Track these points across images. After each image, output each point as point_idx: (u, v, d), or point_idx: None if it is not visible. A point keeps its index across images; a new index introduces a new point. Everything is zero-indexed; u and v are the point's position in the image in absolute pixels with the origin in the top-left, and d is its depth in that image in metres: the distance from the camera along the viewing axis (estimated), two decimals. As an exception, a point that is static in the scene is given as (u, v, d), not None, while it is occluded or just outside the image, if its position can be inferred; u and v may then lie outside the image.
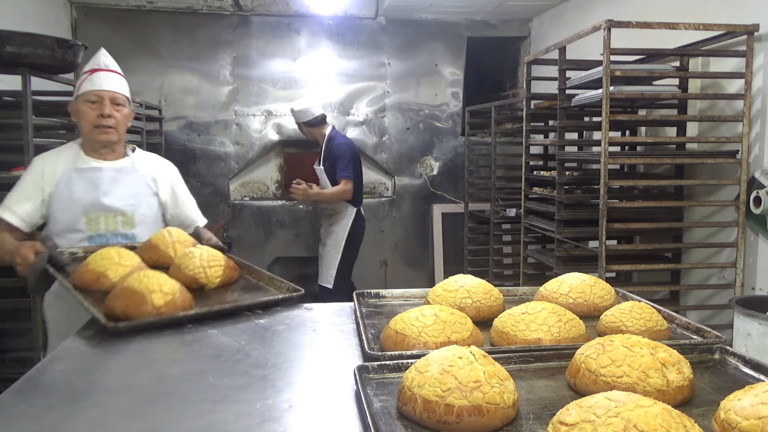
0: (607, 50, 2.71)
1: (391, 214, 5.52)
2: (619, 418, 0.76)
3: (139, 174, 2.27)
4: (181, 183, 2.43)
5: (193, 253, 1.71)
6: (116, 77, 2.23)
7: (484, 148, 4.98)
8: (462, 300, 1.43)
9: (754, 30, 2.70)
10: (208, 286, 1.68)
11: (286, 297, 1.61)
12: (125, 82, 2.26)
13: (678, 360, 1.02)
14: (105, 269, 1.64)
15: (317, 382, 1.12)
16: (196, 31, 5.10)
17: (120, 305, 1.40)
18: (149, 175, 2.30)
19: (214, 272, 1.69)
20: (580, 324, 1.29)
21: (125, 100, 2.23)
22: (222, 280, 1.71)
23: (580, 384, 1.03)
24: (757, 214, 2.71)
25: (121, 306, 1.40)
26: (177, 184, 2.40)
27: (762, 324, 2.09)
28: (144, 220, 2.23)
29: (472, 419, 0.89)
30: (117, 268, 1.65)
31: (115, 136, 2.19)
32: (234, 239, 5.29)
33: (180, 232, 1.97)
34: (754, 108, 2.78)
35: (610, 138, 2.77)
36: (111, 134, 2.17)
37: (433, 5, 4.88)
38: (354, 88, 5.38)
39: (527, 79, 3.76)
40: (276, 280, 1.74)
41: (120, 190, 2.20)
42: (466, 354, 0.96)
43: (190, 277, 1.65)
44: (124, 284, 1.45)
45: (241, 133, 5.27)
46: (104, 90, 2.15)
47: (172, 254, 1.84)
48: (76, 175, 2.15)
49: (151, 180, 2.29)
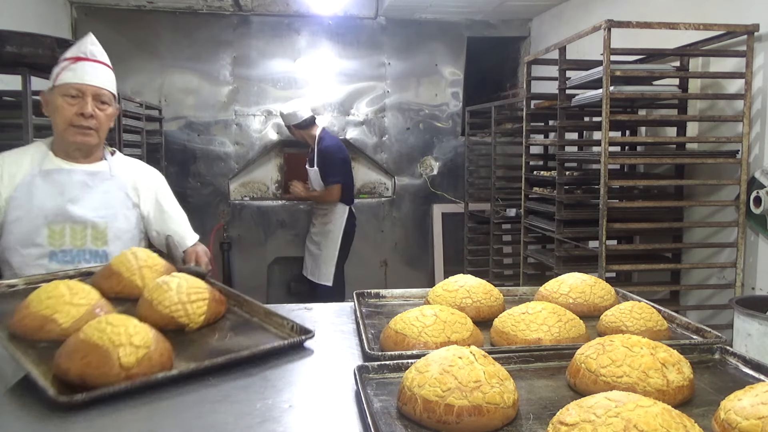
0: (607, 50, 2.71)
1: (391, 214, 5.52)
2: (619, 418, 0.76)
3: (116, 181, 1.93)
4: (168, 194, 2.09)
5: (169, 285, 1.33)
6: (103, 69, 1.88)
7: (484, 148, 4.98)
8: (462, 300, 1.43)
9: (754, 30, 2.70)
10: (189, 327, 1.30)
11: (295, 342, 1.25)
12: (113, 75, 1.92)
13: (678, 360, 1.02)
14: (53, 312, 1.21)
15: (317, 382, 1.12)
16: (196, 31, 5.10)
17: (75, 366, 1.02)
18: (129, 184, 1.96)
19: (196, 308, 1.32)
20: (580, 324, 1.29)
21: (111, 97, 1.90)
22: (206, 317, 1.33)
23: (580, 384, 1.02)
24: (757, 214, 2.71)
25: (78, 367, 1.02)
26: (163, 195, 2.06)
27: (762, 324, 2.09)
28: (119, 236, 1.89)
29: (472, 419, 0.89)
30: (68, 309, 1.22)
31: (95, 138, 1.88)
32: (234, 239, 5.29)
33: (148, 253, 1.59)
34: (754, 108, 2.78)
35: (610, 138, 2.77)
36: (90, 137, 1.85)
37: (433, 5, 4.88)
38: (354, 88, 5.38)
39: (527, 79, 3.76)
40: (274, 315, 1.38)
41: (92, 198, 1.86)
42: (466, 354, 0.96)
43: (165, 317, 1.28)
44: (80, 335, 1.07)
45: (241, 133, 5.27)
46: (88, 84, 1.82)
47: (139, 284, 1.48)
48: (40, 179, 1.83)
49: (131, 189, 1.96)
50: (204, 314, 1.33)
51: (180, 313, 1.30)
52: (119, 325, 1.08)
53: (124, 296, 1.45)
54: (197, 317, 1.32)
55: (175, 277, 1.39)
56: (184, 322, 1.30)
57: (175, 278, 1.37)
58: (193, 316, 1.31)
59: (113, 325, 1.07)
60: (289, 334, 1.30)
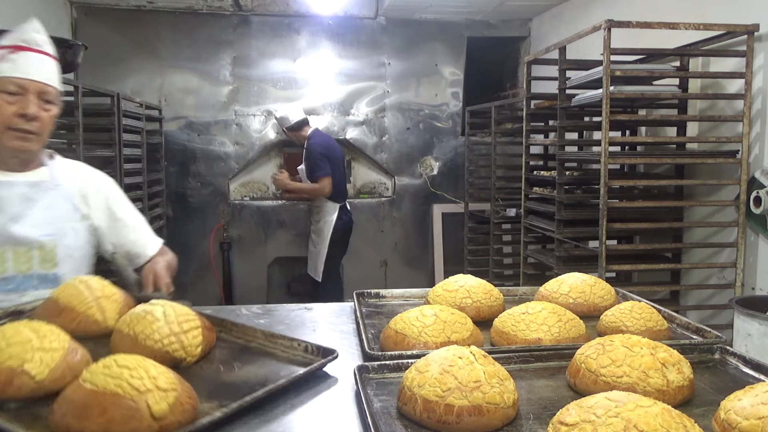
0: (607, 50, 2.70)
1: (391, 214, 5.52)
2: (619, 418, 0.76)
3: (62, 190, 1.64)
4: (121, 199, 1.80)
5: (154, 314, 1.15)
6: (49, 62, 1.61)
7: (484, 148, 4.98)
8: (462, 300, 1.43)
9: (754, 30, 2.70)
10: (186, 362, 1.13)
11: (324, 362, 1.13)
12: (58, 68, 1.64)
13: (678, 360, 1.02)
14: (20, 362, 0.97)
15: (317, 382, 1.12)
16: (196, 31, 5.10)
17: (94, 426, 0.83)
18: (76, 192, 1.67)
19: (192, 339, 1.14)
20: (580, 324, 1.29)
21: (57, 95, 1.62)
22: (203, 348, 1.17)
23: (580, 384, 1.03)
24: (757, 214, 2.71)
25: (97, 427, 0.83)
26: (115, 202, 1.76)
27: (762, 324, 2.09)
28: (71, 255, 1.62)
29: (472, 419, 0.89)
30: (40, 356, 0.99)
31: (36, 144, 1.59)
32: (234, 239, 5.29)
33: (101, 282, 1.35)
34: (754, 108, 2.78)
35: (610, 138, 2.77)
36: (31, 142, 1.57)
37: (433, 5, 4.88)
38: (354, 88, 5.38)
39: (527, 79, 3.76)
40: (278, 338, 1.24)
41: (36, 213, 1.58)
42: (467, 354, 0.96)
43: (158, 352, 1.09)
44: (85, 386, 0.87)
45: (241, 133, 5.27)
46: (31, 80, 1.54)
47: (99, 318, 1.27)
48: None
49: (78, 198, 1.67)
50: (200, 345, 1.16)
51: (175, 346, 1.11)
52: (135, 366, 0.89)
53: (79, 335, 1.17)
54: (194, 349, 1.14)
55: (156, 304, 1.19)
56: (180, 356, 1.12)
57: (157, 306, 1.18)
58: (190, 348, 1.14)
59: (129, 368, 0.89)
60: (304, 356, 1.18)
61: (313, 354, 1.18)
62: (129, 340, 1.12)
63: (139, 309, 1.18)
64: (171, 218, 5.08)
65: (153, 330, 1.12)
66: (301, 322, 1.49)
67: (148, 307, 1.18)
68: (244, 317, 1.51)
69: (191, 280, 5.22)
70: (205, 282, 5.22)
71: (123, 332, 1.14)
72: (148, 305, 1.18)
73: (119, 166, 3.71)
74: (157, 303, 1.19)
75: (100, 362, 0.92)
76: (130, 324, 1.14)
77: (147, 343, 1.10)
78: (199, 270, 5.21)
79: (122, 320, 1.18)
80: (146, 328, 1.12)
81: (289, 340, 1.22)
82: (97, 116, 3.66)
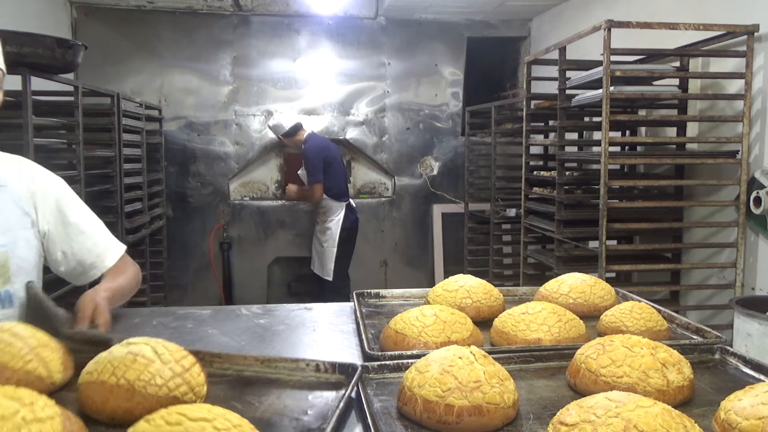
0: (607, 50, 2.71)
1: (391, 214, 5.52)
2: (619, 418, 0.76)
3: (9, 192, 1.36)
4: (73, 201, 1.49)
5: (144, 355, 0.94)
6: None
7: (484, 148, 4.98)
8: (462, 300, 1.43)
9: (754, 30, 2.70)
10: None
11: (353, 383, 1.01)
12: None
13: (678, 360, 1.02)
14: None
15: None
16: (196, 31, 5.10)
17: None
18: (24, 193, 1.39)
19: (196, 376, 0.97)
20: (580, 324, 1.29)
21: (0, 77, 1.31)
22: (207, 386, 1.00)
23: (580, 384, 1.03)
24: (757, 214, 2.71)
25: None
26: (67, 204, 1.46)
27: (762, 324, 2.09)
28: (22, 267, 1.35)
29: (472, 419, 0.89)
30: (38, 429, 0.74)
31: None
32: (234, 239, 5.30)
33: (25, 327, 1.05)
34: (754, 108, 2.78)
35: (610, 138, 2.77)
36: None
37: (433, 5, 4.88)
38: (354, 88, 5.38)
39: (527, 79, 3.76)
40: (276, 361, 1.10)
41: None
42: (467, 354, 0.96)
43: (163, 400, 0.91)
44: None
45: (241, 133, 5.27)
46: None
47: (42, 372, 0.99)
48: None
49: (27, 200, 1.39)
50: (205, 383, 0.98)
51: (183, 388, 0.93)
52: (212, 417, 0.76)
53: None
54: (201, 389, 0.96)
55: (137, 344, 0.97)
56: (190, 399, 0.94)
57: (142, 345, 0.96)
58: (198, 389, 0.96)
59: (207, 419, 0.75)
60: (319, 376, 1.07)
61: (328, 371, 1.07)
62: (122, 391, 0.90)
63: (117, 353, 0.95)
64: (171, 218, 5.08)
65: (151, 374, 0.92)
66: (301, 323, 1.49)
67: (129, 348, 0.96)
68: (243, 317, 1.51)
69: (191, 280, 5.22)
70: (205, 282, 5.23)
71: (106, 384, 0.91)
72: (124, 345, 0.97)
73: (119, 166, 3.71)
74: (137, 341, 0.98)
75: (160, 414, 0.76)
76: (117, 372, 0.92)
77: (149, 390, 0.91)
78: (199, 270, 5.22)
79: (91, 370, 0.94)
80: (142, 374, 0.92)
81: (291, 362, 1.09)
82: (97, 116, 3.66)
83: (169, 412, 0.76)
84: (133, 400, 0.90)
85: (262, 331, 1.42)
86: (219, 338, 1.36)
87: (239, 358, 1.10)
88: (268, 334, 1.39)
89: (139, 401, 0.90)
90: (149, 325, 1.45)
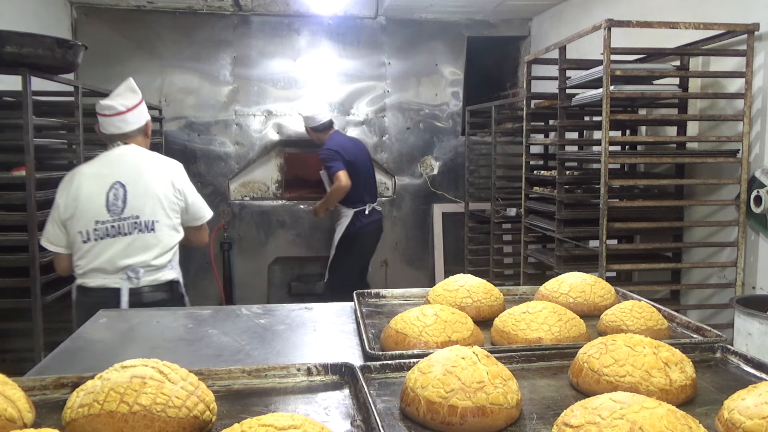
0: (608, 50, 2.70)
1: (392, 213, 5.52)
2: (624, 419, 0.76)
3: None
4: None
5: (151, 377, 0.89)
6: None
7: (485, 147, 4.98)
8: (462, 299, 1.43)
9: (754, 29, 2.70)
10: (212, 425, 0.93)
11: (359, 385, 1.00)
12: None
13: (680, 359, 1.02)
14: None
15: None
16: (196, 31, 5.10)
17: None
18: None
19: (210, 395, 0.94)
20: (580, 323, 1.29)
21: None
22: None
23: (582, 383, 1.02)
24: (757, 213, 2.70)
25: None
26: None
27: (763, 323, 2.09)
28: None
29: (476, 420, 0.88)
30: None
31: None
32: (234, 239, 5.29)
33: None
34: (754, 107, 2.78)
35: (610, 137, 2.76)
36: None
37: (433, 5, 4.88)
38: (354, 88, 5.38)
39: (527, 79, 3.75)
40: (265, 370, 1.07)
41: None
42: (469, 354, 0.96)
43: (185, 422, 0.87)
44: None
45: (241, 133, 5.26)
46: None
47: (13, 413, 0.88)
48: None
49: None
50: (214, 400, 0.95)
51: (201, 407, 0.89)
52: (300, 423, 0.77)
53: None
54: (214, 405, 0.94)
55: (135, 366, 0.92)
56: (208, 418, 0.91)
57: (140, 366, 0.92)
58: (213, 406, 0.93)
59: (296, 427, 0.76)
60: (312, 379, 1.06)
61: (322, 373, 1.07)
62: (138, 418, 0.84)
63: (119, 379, 0.88)
64: (171, 218, 5.07)
65: (167, 396, 0.86)
66: (301, 322, 1.49)
67: (131, 372, 0.90)
68: (244, 317, 1.51)
69: (191, 280, 5.21)
70: (206, 282, 5.22)
71: (117, 413, 0.84)
72: (119, 370, 0.90)
73: (119, 166, 3.70)
74: (133, 364, 0.92)
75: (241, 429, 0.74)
76: (124, 399, 0.85)
77: (169, 413, 0.85)
78: (200, 270, 5.21)
79: (86, 403, 0.86)
80: (158, 397, 0.86)
81: (280, 369, 1.07)
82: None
83: (251, 425, 0.75)
84: (154, 427, 0.84)
85: (263, 330, 1.41)
86: (219, 338, 1.35)
87: (224, 373, 1.06)
88: (269, 334, 1.39)
89: (160, 427, 0.84)
90: (149, 326, 1.45)
